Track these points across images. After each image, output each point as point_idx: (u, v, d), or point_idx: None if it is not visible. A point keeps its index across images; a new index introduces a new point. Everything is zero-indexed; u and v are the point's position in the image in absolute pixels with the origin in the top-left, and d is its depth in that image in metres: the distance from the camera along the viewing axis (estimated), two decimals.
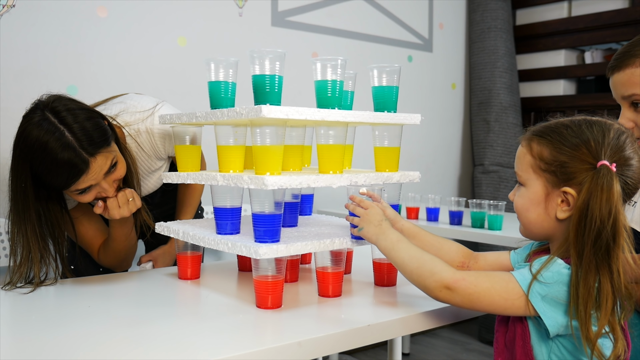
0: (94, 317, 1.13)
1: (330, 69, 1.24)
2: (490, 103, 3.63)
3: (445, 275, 1.02)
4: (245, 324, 1.09)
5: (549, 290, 0.96)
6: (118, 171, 1.41)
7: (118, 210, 1.42)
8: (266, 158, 1.16)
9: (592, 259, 0.94)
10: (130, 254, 1.62)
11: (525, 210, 1.06)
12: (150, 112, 1.53)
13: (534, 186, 1.04)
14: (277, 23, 2.92)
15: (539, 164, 1.03)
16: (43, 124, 1.28)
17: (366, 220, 1.17)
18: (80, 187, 1.34)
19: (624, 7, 3.30)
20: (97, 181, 1.36)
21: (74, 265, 1.72)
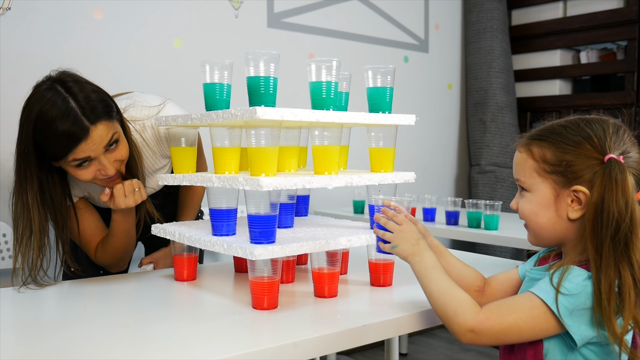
0: (90, 319, 1.13)
1: (325, 70, 1.24)
2: (487, 103, 3.64)
3: (468, 318, 0.97)
4: (241, 325, 1.09)
5: (575, 302, 0.93)
6: (120, 151, 1.40)
7: (124, 199, 1.43)
8: (261, 159, 1.16)
9: (611, 254, 0.93)
10: (128, 253, 1.61)
11: (534, 216, 1.04)
12: (157, 108, 1.54)
13: (541, 189, 1.02)
14: (273, 24, 2.92)
15: (543, 167, 1.02)
16: (49, 92, 1.31)
17: (402, 238, 1.10)
18: (79, 156, 1.33)
19: (619, 7, 3.31)
20: (97, 154, 1.35)
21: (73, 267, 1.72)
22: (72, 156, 1.33)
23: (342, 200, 3.15)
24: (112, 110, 1.38)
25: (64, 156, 1.33)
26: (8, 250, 2.18)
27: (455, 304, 1.00)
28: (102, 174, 1.39)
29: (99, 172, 1.39)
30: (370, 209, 1.37)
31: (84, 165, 1.36)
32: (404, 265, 1.55)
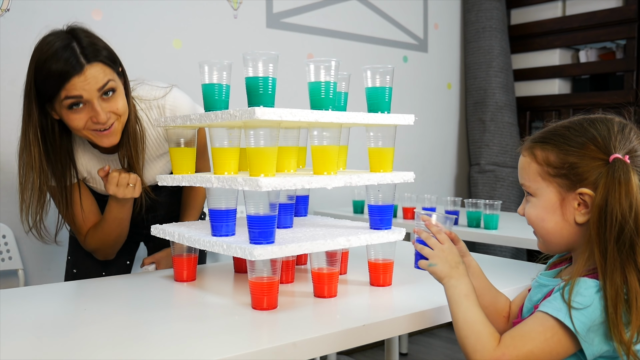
0: (90, 320, 1.13)
1: (324, 70, 1.24)
2: (486, 102, 3.64)
3: (485, 356, 0.94)
4: (240, 325, 1.09)
5: (591, 316, 0.90)
6: (116, 102, 1.41)
7: (114, 187, 1.44)
8: (260, 160, 1.16)
9: (616, 257, 0.90)
10: (117, 243, 1.61)
11: (541, 221, 1.02)
12: (164, 90, 1.58)
13: (546, 194, 1.00)
14: (272, 24, 2.92)
15: (547, 170, 0.99)
16: (55, 34, 1.39)
17: (442, 258, 1.06)
18: (72, 93, 1.34)
19: (618, 6, 3.31)
20: (90, 96, 1.36)
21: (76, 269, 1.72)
22: (65, 92, 1.34)
23: (342, 200, 3.15)
24: (115, 62, 1.42)
25: (58, 91, 1.34)
26: (8, 252, 2.18)
27: (475, 338, 0.96)
28: (94, 121, 1.39)
29: (91, 120, 1.39)
30: (370, 209, 1.37)
31: (76, 109, 1.37)
32: (403, 265, 1.56)
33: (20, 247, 2.22)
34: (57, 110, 1.40)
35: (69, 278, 1.72)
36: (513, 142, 3.63)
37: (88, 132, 1.42)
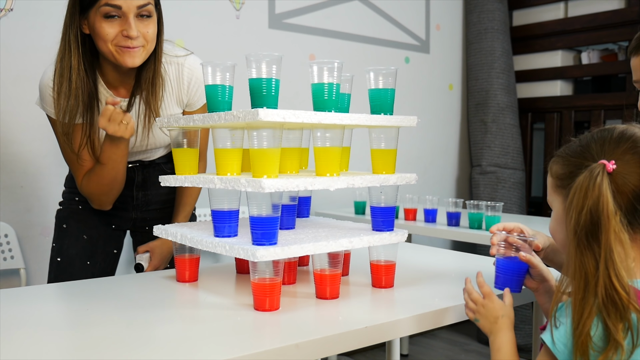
0: (92, 320, 1.13)
1: (327, 72, 1.24)
2: (488, 104, 3.64)
3: None
4: (243, 326, 1.09)
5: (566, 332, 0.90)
6: (148, 26, 1.48)
7: (105, 121, 1.46)
8: (263, 161, 1.16)
9: (576, 254, 0.90)
10: (111, 190, 1.60)
11: (554, 233, 1.03)
12: (185, 51, 1.64)
13: (556, 206, 1.02)
14: (274, 25, 2.92)
15: (556, 182, 1.01)
16: None
17: (482, 314, 1.12)
18: (113, 1, 1.41)
19: (620, 8, 3.31)
20: (128, 9, 1.42)
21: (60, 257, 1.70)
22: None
23: (344, 201, 3.16)
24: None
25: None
26: (10, 251, 2.19)
27: None
28: (124, 34, 1.44)
29: (122, 34, 1.44)
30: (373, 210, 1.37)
31: (111, 19, 1.43)
32: (405, 267, 1.56)
33: (22, 247, 2.23)
34: (91, 19, 1.45)
35: (53, 266, 1.70)
36: (514, 143, 3.63)
37: (114, 46, 1.46)
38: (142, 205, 1.77)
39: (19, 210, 2.24)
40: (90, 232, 1.72)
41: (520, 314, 3.34)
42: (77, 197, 1.73)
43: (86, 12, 1.46)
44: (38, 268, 2.27)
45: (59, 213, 1.75)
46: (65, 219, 1.72)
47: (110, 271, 1.76)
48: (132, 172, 1.71)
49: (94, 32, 1.47)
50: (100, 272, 1.72)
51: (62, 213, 1.74)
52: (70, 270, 1.68)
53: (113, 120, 1.45)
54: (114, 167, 1.55)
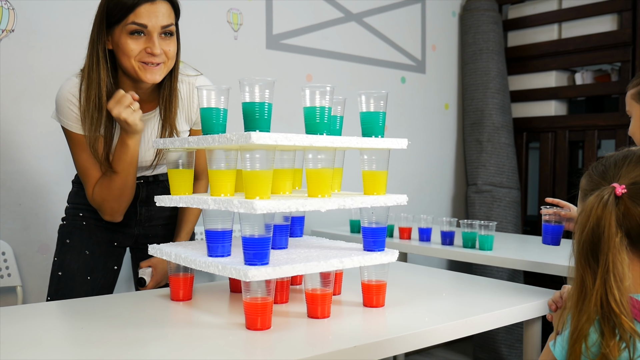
0: (86, 339, 1.15)
1: (319, 95, 1.27)
2: (483, 123, 3.68)
3: None
4: (234, 345, 1.11)
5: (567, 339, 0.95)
6: (170, 44, 1.56)
7: (114, 102, 1.50)
8: (256, 183, 1.19)
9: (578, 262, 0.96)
10: (122, 196, 1.62)
11: None
12: (196, 72, 1.76)
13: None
14: (272, 46, 2.97)
15: (580, 196, 1.07)
16: None
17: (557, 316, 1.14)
18: (139, 19, 1.49)
19: (612, 30, 3.36)
20: (153, 27, 1.51)
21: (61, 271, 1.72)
22: (133, 17, 1.49)
23: (340, 220, 3.18)
24: (178, 14, 1.60)
25: (127, 14, 1.49)
26: (7, 269, 2.20)
27: None
28: (148, 52, 1.52)
29: (145, 51, 1.52)
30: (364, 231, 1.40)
31: (136, 36, 1.51)
32: (397, 287, 1.58)
33: (19, 264, 2.24)
34: (116, 36, 1.53)
35: (54, 280, 1.72)
36: (510, 162, 3.66)
37: (137, 62, 1.54)
38: (145, 221, 1.80)
39: (17, 228, 2.26)
40: (93, 247, 1.74)
41: (516, 333, 3.35)
42: (81, 213, 1.76)
43: (112, 29, 1.54)
44: (35, 286, 2.29)
45: (62, 228, 1.78)
46: (68, 234, 1.75)
47: (109, 287, 1.79)
48: (136, 188, 1.75)
49: (118, 48, 1.54)
50: (99, 288, 1.74)
51: (66, 228, 1.77)
52: (71, 285, 1.70)
53: (121, 103, 1.51)
54: (125, 168, 1.58)
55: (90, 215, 1.75)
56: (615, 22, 3.38)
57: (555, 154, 3.61)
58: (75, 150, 1.63)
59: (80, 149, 1.61)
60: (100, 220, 1.75)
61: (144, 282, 1.71)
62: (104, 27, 1.54)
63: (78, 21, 2.36)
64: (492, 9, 3.76)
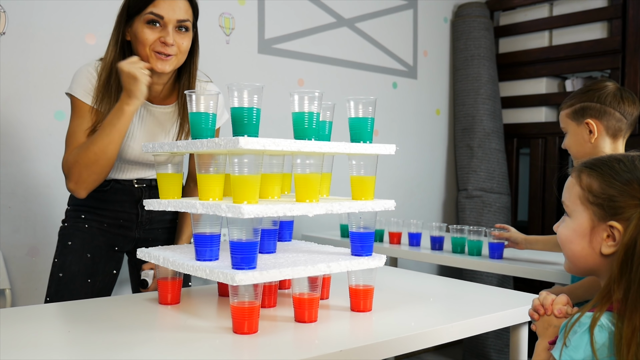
0: (72, 343, 1.15)
1: (307, 101, 1.28)
2: (474, 129, 3.70)
3: None
4: (221, 349, 1.12)
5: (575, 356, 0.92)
6: (184, 39, 1.63)
7: (126, 61, 1.55)
8: (243, 187, 1.20)
9: (639, 299, 0.91)
10: (95, 165, 1.58)
11: (569, 242, 1.05)
12: (207, 78, 1.83)
13: (580, 218, 1.03)
14: (263, 50, 2.98)
15: (587, 196, 1.01)
16: None
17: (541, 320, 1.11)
18: (157, 10, 1.57)
19: (602, 37, 3.39)
20: (169, 19, 1.58)
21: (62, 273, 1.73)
22: (152, 8, 1.57)
23: (331, 224, 3.19)
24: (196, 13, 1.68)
25: (147, 5, 1.57)
26: None
27: None
28: (162, 41, 1.59)
29: (159, 40, 1.59)
30: (352, 236, 1.41)
31: (152, 26, 1.59)
32: (385, 291, 1.58)
33: (8, 267, 2.24)
34: (135, 26, 1.61)
35: (54, 281, 1.73)
36: (500, 168, 3.68)
37: (151, 51, 1.60)
38: (145, 223, 1.82)
39: (6, 231, 2.25)
40: (94, 251, 1.75)
41: (505, 338, 3.36)
42: (83, 215, 1.77)
43: (132, 20, 1.62)
44: (24, 288, 2.28)
45: (63, 230, 1.78)
46: (71, 236, 1.76)
47: (108, 291, 1.80)
48: (139, 192, 1.78)
49: (135, 38, 1.62)
50: (99, 291, 1.76)
51: (68, 230, 1.77)
52: (70, 287, 1.71)
53: (134, 63, 1.55)
54: (109, 134, 1.56)
55: (93, 217, 1.76)
56: (605, 30, 3.41)
57: (546, 160, 3.64)
58: (72, 117, 1.66)
59: (77, 115, 1.64)
60: (102, 224, 1.76)
61: (146, 283, 1.72)
62: (124, 19, 1.63)
63: (70, 23, 2.36)
64: (483, 16, 3.79)
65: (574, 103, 1.79)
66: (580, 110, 1.78)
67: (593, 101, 1.76)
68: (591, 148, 1.77)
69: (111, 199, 1.76)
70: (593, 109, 1.76)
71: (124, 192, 1.77)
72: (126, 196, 1.78)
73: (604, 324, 0.93)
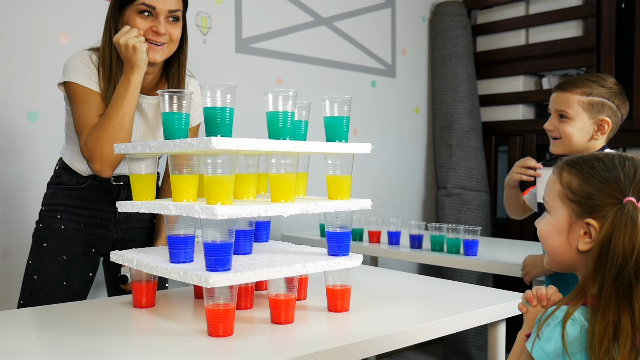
0: (42, 349, 1.13)
1: (282, 100, 1.27)
2: (452, 127, 3.71)
3: None
4: (195, 352, 1.10)
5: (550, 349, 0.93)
6: (175, 29, 1.67)
7: (121, 34, 1.56)
8: (217, 188, 1.18)
9: (612, 295, 0.92)
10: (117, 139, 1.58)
11: (547, 237, 1.07)
12: (189, 74, 1.89)
13: (558, 214, 1.04)
14: (241, 49, 2.96)
15: (566, 193, 1.03)
16: None
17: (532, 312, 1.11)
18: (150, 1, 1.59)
19: (578, 36, 3.42)
20: (161, 11, 1.61)
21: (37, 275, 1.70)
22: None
23: (310, 224, 3.18)
24: (186, 4, 1.71)
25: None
26: None
27: None
28: (153, 30, 1.62)
29: (151, 29, 1.62)
30: (328, 235, 1.40)
31: (144, 16, 1.62)
32: (364, 291, 1.58)
33: None
34: (126, 15, 1.63)
35: (28, 284, 1.70)
36: (479, 166, 3.70)
37: (145, 37, 1.62)
38: (123, 222, 1.80)
39: None
40: (70, 253, 1.72)
41: (486, 335, 3.38)
42: (59, 215, 1.74)
43: (123, 10, 1.64)
44: None
45: (38, 231, 1.75)
46: (46, 237, 1.72)
47: (84, 293, 1.77)
48: (116, 190, 1.77)
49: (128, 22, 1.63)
50: (74, 294, 1.73)
51: (43, 231, 1.74)
52: (46, 289, 1.68)
53: (127, 33, 1.57)
54: (123, 106, 1.58)
55: (69, 217, 1.73)
56: (580, 28, 3.44)
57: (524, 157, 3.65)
58: (76, 104, 1.63)
59: (82, 101, 1.63)
60: (79, 224, 1.73)
61: (126, 279, 1.71)
62: (116, 10, 1.65)
63: (43, 23, 2.32)
64: (461, 14, 3.80)
65: (591, 93, 1.73)
66: (598, 105, 1.73)
67: (610, 99, 1.74)
68: (590, 144, 1.76)
69: (88, 196, 1.74)
70: (610, 108, 1.74)
71: (101, 190, 1.75)
72: (104, 194, 1.75)
73: (577, 318, 0.94)
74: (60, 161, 1.81)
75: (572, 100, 1.74)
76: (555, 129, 1.80)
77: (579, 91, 1.74)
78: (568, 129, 1.76)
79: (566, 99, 1.76)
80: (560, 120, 1.78)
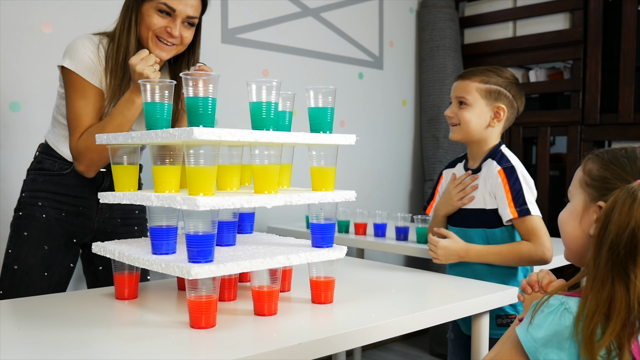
0: (22, 341, 1.11)
1: (265, 91, 1.26)
2: (440, 119, 3.71)
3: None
4: (178, 344, 1.09)
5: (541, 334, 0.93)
6: (189, 32, 1.69)
7: (137, 58, 1.54)
8: (199, 179, 1.17)
9: (607, 271, 0.91)
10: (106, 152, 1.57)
11: (564, 223, 1.07)
12: None
13: (576, 200, 1.05)
14: (227, 40, 2.93)
15: (585, 179, 1.04)
16: None
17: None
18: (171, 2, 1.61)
19: (565, 28, 3.43)
20: (179, 12, 1.63)
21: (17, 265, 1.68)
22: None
23: (296, 216, 3.17)
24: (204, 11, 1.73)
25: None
26: None
27: None
28: (167, 31, 1.64)
29: (165, 29, 1.64)
30: (312, 227, 1.39)
31: (162, 15, 1.63)
32: (348, 283, 1.58)
33: None
34: (144, 9, 1.64)
35: (7, 274, 1.68)
36: None
37: (153, 35, 1.65)
38: (105, 211, 1.78)
39: None
40: (52, 243, 1.70)
41: None
42: (40, 202, 1.71)
43: (143, 2, 1.64)
44: None
45: (18, 220, 1.72)
46: (26, 226, 1.70)
47: (64, 284, 1.76)
48: (100, 177, 1.76)
49: (141, 19, 1.65)
50: (55, 285, 1.71)
51: (23, 220, 1.71)
52: (26, 280, 1.66)
53: (145, 61, 1.55)
54: (121, 123, 1.58)
55: (50, 204, 1.71)
56: (567, 21, 3.45)
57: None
58: (74, 96, 1.63)
59: (80, 96, 1.62)
60: (60, 212, 1.71)
61: None
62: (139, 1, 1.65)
63: (24, 12, 2.29)
64: (448, 6, 3.80)
65: (489, 81, 1.81)
66: (495, 93, 1.81)
67: (506, 89, 1.81)
68: (487, 131, 1.84)
69: (71, 182, 1.72)
70: (506, 97, 1.82)
71: (84, 177, 1.72)
72: (86, 180, 1.73)
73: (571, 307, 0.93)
74: (42, 146, 1.78)
75: (471, 87, 1.81)
76: (454, 115, 1.85)
77: (477, 79, 1.82)
78: (466, 115, 1.82)
79: (465, 86, 1.83)
80: (460, 107, 1.84)
